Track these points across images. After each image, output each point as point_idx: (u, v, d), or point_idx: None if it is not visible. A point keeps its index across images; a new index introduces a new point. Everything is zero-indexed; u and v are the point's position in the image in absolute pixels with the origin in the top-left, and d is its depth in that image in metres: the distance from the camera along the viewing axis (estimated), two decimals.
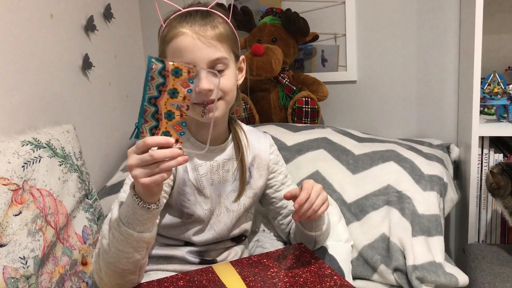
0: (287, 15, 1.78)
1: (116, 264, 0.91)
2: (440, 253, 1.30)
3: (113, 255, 0.90)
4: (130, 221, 0.88)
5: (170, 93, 0.82)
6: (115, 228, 0.89)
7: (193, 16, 1.01)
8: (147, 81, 0.80)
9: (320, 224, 1.15)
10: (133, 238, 0.88)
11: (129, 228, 0.88)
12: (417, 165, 1.50)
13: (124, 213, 0.89)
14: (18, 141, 1.17)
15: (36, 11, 1.42)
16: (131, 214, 0.88)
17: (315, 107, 1.78)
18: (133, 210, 0.88)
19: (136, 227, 0.88)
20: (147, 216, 0.89)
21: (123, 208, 0.90)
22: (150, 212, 0.88)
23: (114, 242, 0.89)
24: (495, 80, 1.70)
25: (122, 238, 0.88)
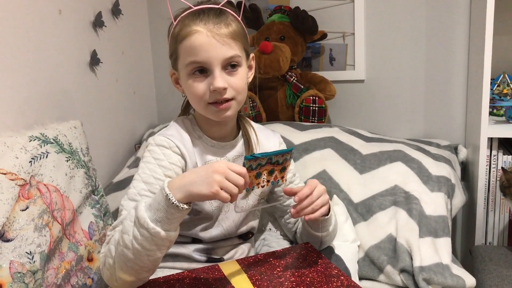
0: (296, 13, 1.77)
1: (136, 261, 0.90)
2: (447, 254, 1.29)
3: (135, 252, 0.89)
4: (159, 219, 0.87)
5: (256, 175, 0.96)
6: (141, 225, 0.87)
7: (206, 14, 1.01)
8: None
9: (327, 225, 1.14)
10: (159, 236, 0.87)
11: (156, 226, 0.87)
12: (425, 165, 1.49)
13: (153, 211, 0.88)
14: (26, 136, 1.17)
15: (44, 7, 1.42)
16: (162, 212, 0.87)
17: (323, 106, 1.77)
18: (165, 209, 0.87)
19: (164, 225, 0.88)
20: (178, 215, 0.89)
21: (152, 205, 0.89)
22: (181, 211, 0.88)
23: (138, 239, 0.88)
24: (504, 81, 1.69)
25: (147, 235, 0.87)
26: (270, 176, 0.98)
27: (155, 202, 0.89)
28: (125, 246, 0.90)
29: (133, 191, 1.01)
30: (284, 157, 0.97)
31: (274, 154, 0.95)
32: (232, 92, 1.02)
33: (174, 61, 1.07)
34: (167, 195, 0.87)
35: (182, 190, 0.88)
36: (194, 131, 1.11)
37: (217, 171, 0.88)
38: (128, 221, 0.91)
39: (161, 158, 1.04)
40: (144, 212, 0.88)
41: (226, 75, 1.01)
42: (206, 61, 0.99)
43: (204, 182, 0.87)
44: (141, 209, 0.89)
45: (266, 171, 0.97)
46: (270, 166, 0.97)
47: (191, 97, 1.07)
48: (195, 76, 1.02)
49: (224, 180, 0.87)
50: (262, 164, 0.95)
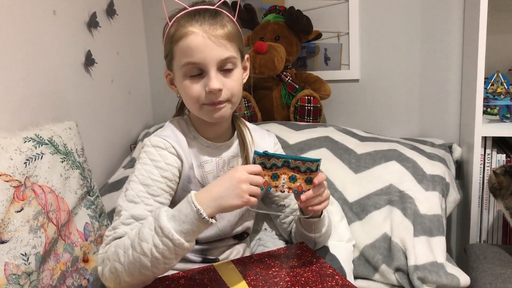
0: (290, 13, 1.78)
1: (152, 268, 0.91)
2: (442, 253, 1.30)
3: (153, 260, 0.90)
4: (185, 231, 0.90)
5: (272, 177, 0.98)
6: (165, 235, 0.89)
7: (202, 15, 1.01)
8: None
9: (320, 226, 1.14)
10: (182, 247, 0.90)
11: (181, 237, 0.89)
12: (420, 164, 1.50)
13: (178, 222, 0.90)
14: (20, 137, 1.17)
15: (39, 7, 1.42)
16: (188, 225, 0.89)
17: (318, 105, 1.78)
18: (193, 222, 0.90)
19: (188, 237, 0.90)
20: (203, 228, 0.92)
21: (177, 217, 0.90)
22: (208, 225, 0.91)
23: (159, 248, 0.89)
24: (498, 80, 1.70)
25: (170, 245, 0.89)
26: (292, 183, 0.98)
27: (181, 214, 0.90)
28: (143, 253, 0.90)
29: (131, 193, 1.01)
30: (306, 165, 0.97)
31: (292, 158, 0.96)
32: (227, 94, 1.03)
33: (169, 62, 1.07)
34: (198, 210, 0.89)
35: (213, 205, 0.91)
36: (190, 131, 1.11)
37: (241, 180, 0.92)
38: (146, 229, 0.91)
39: (157, 159, 1.04)
40: (167, 223, 0.89)
41: (221, 76, 1.02)
42: (201, 62, 1.00)
43: (233, 193, 0.91)
44: (164, 219, 0.90)
45: (285, 175, 0.97)
46: (289, 171, 0.97)
47: (186, 98, 1.07)
48: (191, 77, 1.02)
49: (250, 186, 0.92)
50: (278, 166, 0.97)
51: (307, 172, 0.97)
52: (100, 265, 0.98)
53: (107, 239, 0.99)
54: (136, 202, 1.00)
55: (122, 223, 0.98)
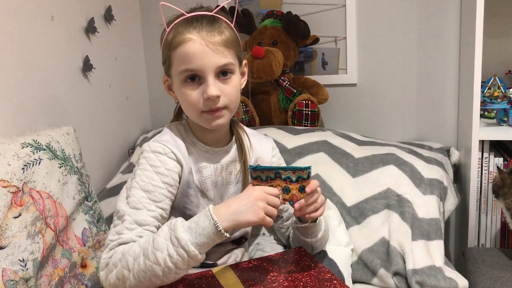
0: (288, 18, 1.78)
1: (162, 278, 0.92)
2: (440, 257, 1.30)
3: (165, 270, 0.91)
4: (200, 244, 0.91)
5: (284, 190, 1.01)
6: (181, 246, 0.90)
7: (199, 22, 1.01)
8: None
9: (316, 231, 1.15)
10: (196, 258, 0.92)
11: (196, 249, 0.90)
12: (417, 168, 1.50)
13: (194, 235, 0.91)
14: (18, 143, 1.17)
15: (37, 13, 1.42)
16: (204, 238, 0.92)
17: (315, 110, 1.78)
18: (209, 236, 0.92)
19: (202, 249, 0.92)
20: (217, 241, 0.94)
21: (194, 229, 0.92)
22: (222, 239, 0.93)
23: (174, 258, 0.90)
24: (495, 83, 1.70)
25: (185, 256, 0.90)
26: (286, 194, 1.00)
27: (198, 227, 0.92)
28: (156, 262, 0.91)
29: (133, 199, 1.01)
30: (296, 174, 0.98)
31: (282, 169, 0.99)
32: (225, 100, 1.03)
33: (167, 68, 1.07)
34: (216, 225, 0.92)
35: (229, 220, 0.93)
36: (188, 136, 1.12)
37: (259, 198, 0.94)
38: (162, 238, 0.92)
39: (157, 165, 1.04)
40: (184, 234, 0.91)
41: (219, 83, 1.02)
42: (199, 69, 1.00)
43: (250, 210, 0.94)
44: (181, 230, 0.91)
45: (279, 187, 1.00)
46: (282, 182, 0.99)
47: (184, 105, 1.07)
48: (189, 83, 1.02)
49: (266, 205, 0.95)
50: (272, 178, 1.00)
51: (299, 180, 0.99)
52: (103, 269, 0.98)
53: (111, 244, 0.98)
54: (138, 208, 1.00)
55: (126, 228, 0.98)
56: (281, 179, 0.99)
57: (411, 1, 1.82)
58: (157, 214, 1.00)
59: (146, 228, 0.98)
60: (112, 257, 0.96)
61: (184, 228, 0.92)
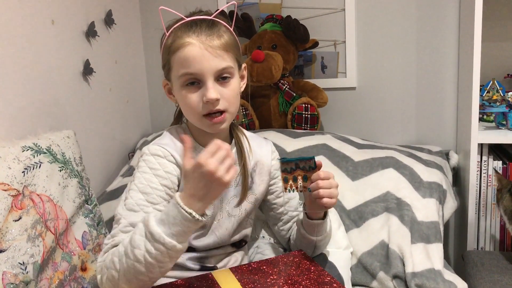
0: (287, 22, 1.79)
1: (147, 273, 0.90)
2: (439, 260, 1.30)
3: (147, 266, 0.89)
4: (175, 233, 0.88)
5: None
6: (156, 240, 0.88)
7: (199, 26, 1.01)
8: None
9: (322, 229, 1.15)
10: (175, 249, 0.89)
11: (173, 240, 0.88)
12: (417, 172, 1.50)
13: (167, 226, 0.89)
14: (19, 146, 1.17)
15: (37, 16, 1.43)
16: (178, 227, 0.88)
17: (315, 113, 1.78)
18: (182, 223, 0.88)
19: (180, 238, 0.89)
20: (193, 227, 0.90)
21: (166, 220, 0.89)
22: (197, 224, 0.90)
23: (152, 253, 0.88)
24: (494, 87, 1.71)
25: (163, 249, 0.88)
26: (305, 182, 1.07)
27: (169, 217, 0.89)
28: (136, 260, 0.89)
29: (131, 201, 1.01)
30: (307, 164, 1.06)
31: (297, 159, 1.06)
32: (225, 103, 1.03)
33: (167, 72, 1.08)
34: (185, 210, 0.88)
35: (201, 205, 0.90)
36: None
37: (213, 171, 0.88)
38: (137, 235, 0.90)
39: (156, 167, 1.05)
40: (157, 227, 0.89)
41: (218, 86, 1.02)
42: (198, 73, 1.00)
43: (214, 187, 0.89)
44: (153, 224, 0.89)
45: (300, 176, 1.07)
46: (301, 172, 1.07)
47: (184, 108, 1.07)
48: (188, 87, 1.03)
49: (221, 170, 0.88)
50: (293, 169, 1.06)
51: (312, 170, 1.06)
52: (99, 273, 0.98)
53: (105, 247, 0.99)
54: (135, 211, 1.00)
55: (120, 231, 0.98)
56: (300, 169, 1.06)
57: (410, 5, 1.83)
58: None
59: None
60: (105, 260, 0.97)
61: (156, 222, 0.90)
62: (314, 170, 1.06)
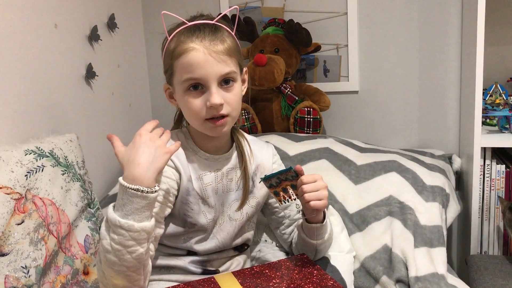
0: (290, 25, 1.79)
1: (121, 262, 0.90)
2: (443, 264, 1.30)
3: (116, 253, 0.90)
4: (128, 212, 0.89)
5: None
6: (114, 224, 0.89)
7: (202, 31, 1.01)
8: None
9: (322, 232, 1.15)
10: (134, 229, 0.89)
11: (128, 220, 0.89)
12: (419, 175, 1.50)
13: (120, 207, 0.90)
14: (21, 150, 1.18)
15: (40, 21, 1.43)
16: (128, 205, 0.90)
17: (317, 117, 1.78)
18: (128, 200, 0.89)
19: (135, 216, 0.90)
20: (144, 203, 0.91)
21: (118, 204, 0.91)
22: (147, 198, 0.91)
23: (115, 239, 0.89)
24: (497, 91, 1.70)
25: (123, 232, 0.88)
26: (295, 190, 1.08)
27: (119, 200, 0.91)
28: (106, 251, 0.91)
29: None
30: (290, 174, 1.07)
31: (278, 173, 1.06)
32: (228, 108, 1.03)
33: (169, 77, 1.08)
34: (126, 187, 0.90)
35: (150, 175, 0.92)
36: (188, 144, 1.12)
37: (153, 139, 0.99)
38: (102, 227, 0.92)
39: None
40: (113, 213, 0.90)
41: (222, 91, 1.02)
42: (202, 78, 1.00)
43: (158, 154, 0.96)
44: (110, 211, 0.91)
45: (288, 186, 1.08)
46: (288, 182, 1.07)
47: (187, 113, 1.07)
48: (191, 92, 1.03)
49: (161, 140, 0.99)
50: (278, 182, 1.07)
51: (295, 179, 1.07)
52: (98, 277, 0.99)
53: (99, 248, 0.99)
54: None
55: None
56: (284, 180, 1.07)
57: (412, 9, 1.83)
58: None
59: None
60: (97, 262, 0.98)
61: (112, 208, 0.92)
62: (298, 177, 1.07)
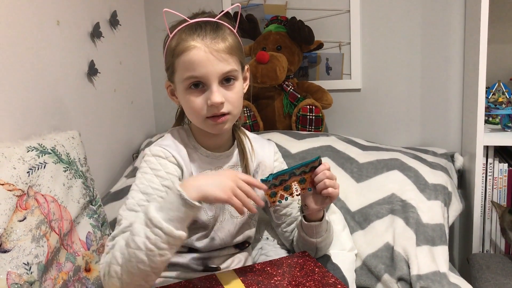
0: (292, 23, 1.79)
1: (149, 262, 0.90)
2: (445, 262, 1.29)
3: (148, 253, 0.89)
4: (172, 218, 0.90)
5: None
6: (154, 225, 0.89)
7: (203, 29, 1.01)
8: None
9: (321, 230, 1.15)
10: (173, 234, 0.89)
11: (170, 225, 0.89)
12: (422, 174, 1.50)
13: (165, 211, 0.90)
14: (24, 146, 1.18)
15: (42, 17, 1.43)
16: (175, 212, 0.90)
17: (320, 115, 1.78)
18: (178, 208, 0.90)
19: (177, 224, 0.90)
20: (190, 214, 0.91)
21: (164, 206, 0.91)
22: (193, 210, 0.91)
23: (151, 239, 0.89)
24: (499, 89, 1.70)
25: (161, 234, 0.88)
26: (302, 184, 1.06)
27: (166, 203, 0.91)
28: (137, 248, 0.89)
29: (131, 201, 1.01)
30: (310, 166, 1.04)
31: (295, 168, 1.02)
32: (229, 106, 1.04)
33: (170, 74, 1.08)
34: (181, 194, 0.89)
35: (197, 190, 0.91)
36: (189, 141, 1.12)
37: (228, 177, 0.93)
38: (138, 224, 0.91)
39: (157, 168, 1.05)
40: (156, 213, 0.90)
41: (223, 89, 1.02)
42: (203, 76, 1.00)
43: (219, 186, 0.92)
44: (152, 210, 0.90)
45: (295, 182, 1.04)
46: (297, 177, 1.04)
47: (188, 111, 1.07)
48: (192, 90, 1.03)
49: (235, 187, 0.93)
50: (286, 179, 1.02)
51: (313, 170, 1.05)
52: (103, 275, 0.98)
53: (107, 249, 0.98)
54: (136, 211, 1.00)
55: (122, 232, 0.98)
56: (296, 175, 1.03)
57: (415, 7, 1.82)
58: None
59: None
60: (107, 259, 0.96)
61: (155, 208, 0.91)
62: (314, 169, 1.06)
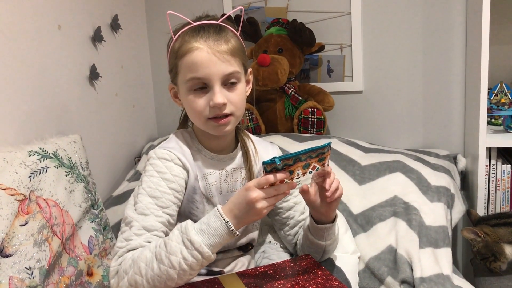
0: (293, 25, 1.79)
1: (177, 280, 0.93)
2: (448, 265, 1.29)
3: (180, 272, 0.92)
4: (213, 244, 0.93)
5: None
6: (195, 248, 0.91)
7: (206, 31, 1.02)
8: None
9: (331, 233, 1.14)
10: (210, 259, 0.93)
11: (209, 250, 0.92)
12: (424, 176, 1.49)
13: (206, 236, 0.93)
14: (25, 151, 1.18)
15: (44, 22, 1.43)
16: (217, 239, 0.93)
17: (321, 117, 1.78)
18: (222, 236, 0.93)
19: (215, 249, 0.94)
20: (229, 240, 0.96)
21: (206, 231, 0.93)
22: (234, 237, 0.95)
23: (188, 260, 0.92)
24: (502, 90, 1.69)
25: (200, 258, 0.92)
26: (305, 169, 0.98)
27: (210, 228, 0.93)
28: (171, 266, 0.92)
29: (140, 205, 1.02)
30: (317, 152, 0.96)
31: (302, 152, 0.93)
32: (231, 108, 1.04)
33: (173, 76, 1.08)
34: (228, 225, 0.93)
35: (237, 221, 0.94)
36: (193, 144, 1.12)
37: (256, 201, 0.92)
38: (174, 242, 0.93)
39: (163, 171, 1.05)
40: (197, 236, 0.92)
41: (225, 91, 1.03)
42: (206, 77, 1.01)
43: (251, 213, 0.93)
44: (193, 233, 0.93)
45: (299, 167, 0.97)
46: (302, 162, 0.96)
47: (190, 112, 1.08)
48: (195, 91, 1.03)
49: (264, 203, 0.93)
50: (290, 164, 0.95)
51: (319, 155, 0.98)
52: (114, 277, 0.98)
53: (120, 251, 0.99)
54: (146, 214, 1.01)
55: (134, 234, 0.99)
56: (301, 160, 0.95)
57: (416, 8, 1.82)
58: (164, 219, 1.02)
59: (154, 233, 1.00)
60: (122, 264, 0.97)
61: (195, 231, 0.93)
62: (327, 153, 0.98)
